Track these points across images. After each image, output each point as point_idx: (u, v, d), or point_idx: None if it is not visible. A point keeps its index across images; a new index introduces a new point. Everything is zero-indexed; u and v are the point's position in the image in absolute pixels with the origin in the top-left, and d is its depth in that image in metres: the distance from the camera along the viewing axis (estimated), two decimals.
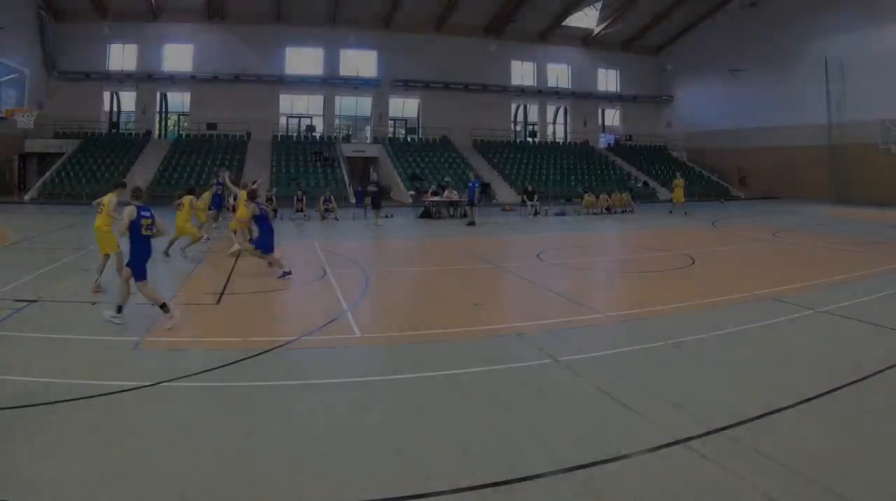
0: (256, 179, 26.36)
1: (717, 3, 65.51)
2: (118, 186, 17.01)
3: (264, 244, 18.72)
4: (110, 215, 16.12)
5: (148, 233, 13.13)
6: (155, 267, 19.37)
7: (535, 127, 74.40)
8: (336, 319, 13.58)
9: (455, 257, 23.71)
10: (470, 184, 37.96)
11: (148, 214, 13.15)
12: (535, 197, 43.91)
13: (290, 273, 18.19)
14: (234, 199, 26.27)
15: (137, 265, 12.93)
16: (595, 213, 44.82)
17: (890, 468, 6.95)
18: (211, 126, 62.81)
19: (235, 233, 23.39)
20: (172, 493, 6.30)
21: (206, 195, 25.61)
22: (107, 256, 16.40)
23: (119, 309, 12.65)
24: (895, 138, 51.27)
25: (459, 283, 18.01)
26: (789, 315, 14.07)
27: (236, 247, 22.69)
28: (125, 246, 13.40)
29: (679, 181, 44.95)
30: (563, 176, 62.24)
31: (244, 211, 22.99)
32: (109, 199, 16.41)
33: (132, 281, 12.80)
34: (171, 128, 67.73)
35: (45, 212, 17.23)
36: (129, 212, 12.88)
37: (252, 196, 19.82)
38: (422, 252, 24.49)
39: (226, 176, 29.01)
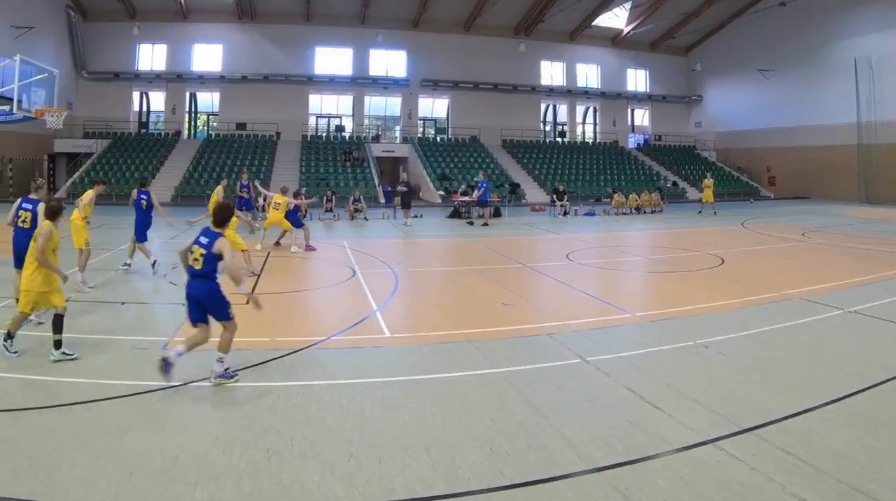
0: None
1: (747, 3, 65.16)
2: (98, 183, 17.96)
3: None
4: (82, 209, 16.62)
5: (22, 225, 12.89)
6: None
7: (565, 127, 74.33)
8: (365, 319, 13.67)
9: (484, 257, 23.75)
10: (479, 185, 37.77)
11: (29, 207, 13.00)
12: (565, 197, 43.82)
13: (129, 265, 18.93)
14: (265, 200, 26.35)
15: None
16: (624, 213, 44.86)
17: None
18: (240, 126, 63.22)
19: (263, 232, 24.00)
20: (201, 493, 6.37)
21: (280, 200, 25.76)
22: (80, 250, 16.59)
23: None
24: None
25: (489, 283, 18.01)
26: (818, 315, 14.08)
27: (294, 248, 23.16)
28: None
29: (709, 181, 44.79)
30: (592, 176, 62.11)
31: (275, 213, 23.29)
32: (86, 194, 17.02)
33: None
34: (201, 127, 68.11)
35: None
36: (16, 203, 12.96)
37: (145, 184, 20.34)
38: (451, 252, 24.50)
39: (250, 178, 30.02)
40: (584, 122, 76.44)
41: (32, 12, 49.82)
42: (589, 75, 73.73)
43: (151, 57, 63.05)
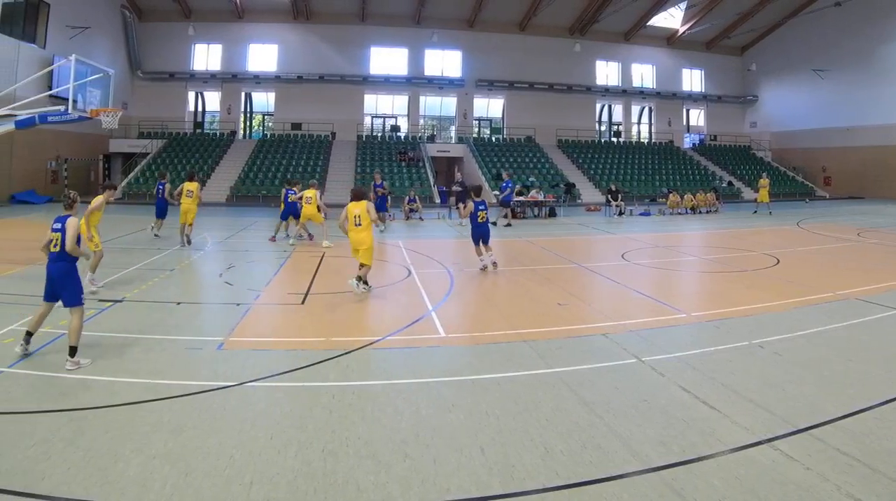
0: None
1: (802, 3, 64.68)
2: (109, 187, 17.52)
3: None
4: (88, 215, 15.98)
5: (55, 249, 10.80)
6: (241, 266, 19.74)
7: (620, 127, 73.96)
8: (421, 319, 13.74)
9: (539, 257, 23.74)
10: (503, 185, 37.17)
11: (58, 226, 10.91)
12: (620, 196, 43.64)
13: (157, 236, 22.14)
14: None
15: None
16: (680, 213, 44.72)
17: None
18: (296, 126, 63.66)
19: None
20: (256, 493, 6.44)
21: (311, 194, 25.79)
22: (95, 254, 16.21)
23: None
24: None
25: (543, 283, 17.98)
26: (873, 315, 14.00)
27: (326, 242, 23.70)
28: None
29: (764, 181, 44.47)
30: (647, 176, 61.99)
31: (308, 208, 23.87)
32: (96, 199, 16.51)
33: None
34: (256, 127, 68.72)
35: (129, 212, 17.47)
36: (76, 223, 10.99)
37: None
38: (506, 251, 24.29)
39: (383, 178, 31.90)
40: (639, 122, 76.13)
41: (87, 12, 50.74)
42: (644, 75, 73.52)
43: (206, 57, 63.99)
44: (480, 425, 8.12)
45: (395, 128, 67.58)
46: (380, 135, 67.56)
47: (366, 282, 16.33)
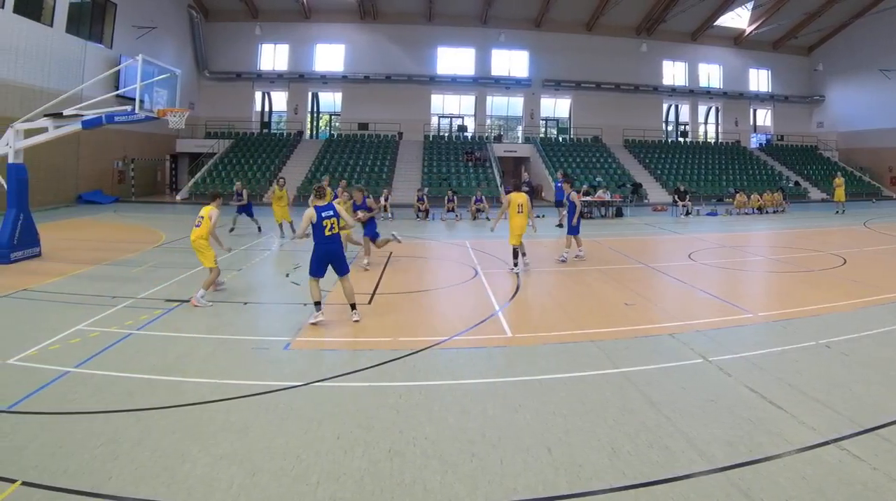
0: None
1: (869, 4, 63.71)
2: (215, 197, 16.34)
3: None
4: (213, 230, 15.55)
5: (331, 233, 13.39)
6: (307, 266, 19.87)
7: (687, 127, 73.33)
8: (487, 319, 13.79)
9: (605, 257, 23.61)
10: (557, 184, 36.12)
11: (331, 212, 13.47)
12: (687, 196, 43.43)
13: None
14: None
15: (312, 262, 13.48)
16: (746, 213, 44.22)
17: None
18: (362, 126, 63.91)
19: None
20: (323, 492, 6.52)
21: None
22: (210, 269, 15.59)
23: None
24: None
25: (610, 283, 18.00)
26: None
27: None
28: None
29: (839, 180, 44.56)
30: (714, 176, 61.34)
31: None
32: (210, 211, 15.65)
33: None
34: (323, 128, 68.96)
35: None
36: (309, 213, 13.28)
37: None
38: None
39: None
40: (706, 122, 75.33)
41: (154, 12, 51.69)
42: (711, 75, 72.77)
43: (273, 57, 64.54)
44: (547, 425, 8.14)
45: (462, 128, 67.55)
46: (446, 135, 67.58)
47: (523, 255, 20.72)
